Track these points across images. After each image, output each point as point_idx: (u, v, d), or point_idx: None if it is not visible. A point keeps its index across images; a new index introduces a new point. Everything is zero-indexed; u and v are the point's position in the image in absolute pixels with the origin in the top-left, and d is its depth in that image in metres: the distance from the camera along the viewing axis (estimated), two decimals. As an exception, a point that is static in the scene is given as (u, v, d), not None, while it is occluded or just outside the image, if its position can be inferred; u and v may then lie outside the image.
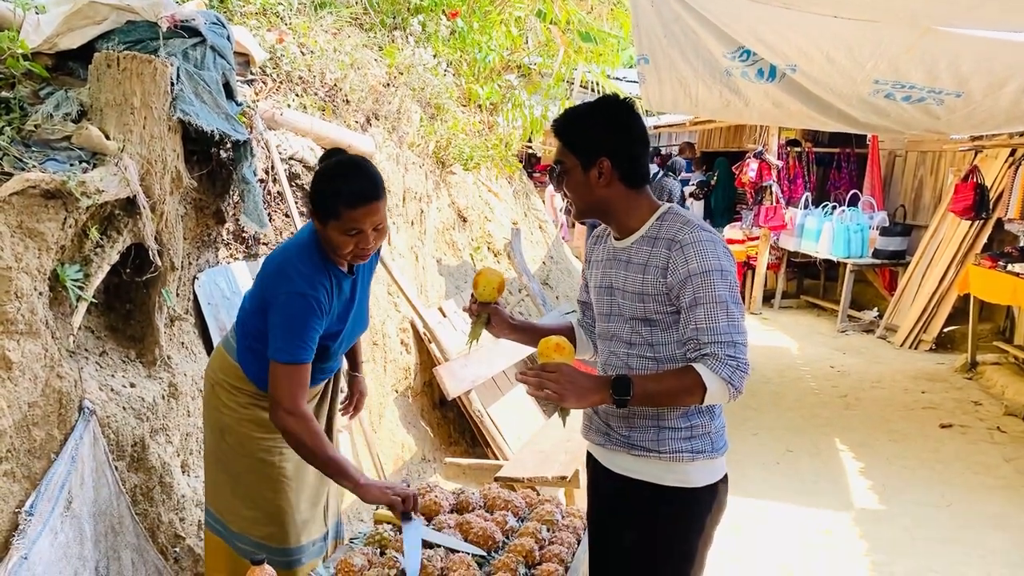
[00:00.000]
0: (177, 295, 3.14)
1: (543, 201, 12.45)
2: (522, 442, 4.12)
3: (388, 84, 4.80)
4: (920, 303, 8.72)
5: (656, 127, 14.57)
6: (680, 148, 12.70)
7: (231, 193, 3.33)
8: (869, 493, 4.77)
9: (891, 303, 9.29)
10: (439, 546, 2.34)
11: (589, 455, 2.31)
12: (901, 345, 8.66)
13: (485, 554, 2.35)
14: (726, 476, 2.16)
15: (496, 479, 3.37)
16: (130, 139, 2.75)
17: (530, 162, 17.55)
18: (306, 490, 2.65)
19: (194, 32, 3.02)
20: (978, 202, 8.04)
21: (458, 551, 2.32)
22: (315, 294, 2.31)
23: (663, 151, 14.81)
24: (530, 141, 14.20)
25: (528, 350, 5.16)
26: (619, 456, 2.14)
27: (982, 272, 7.21)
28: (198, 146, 3.14)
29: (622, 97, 2.11)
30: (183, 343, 3.19)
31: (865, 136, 10.22)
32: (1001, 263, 6.95)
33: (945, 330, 8.56)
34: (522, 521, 2.57)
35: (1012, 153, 8.12)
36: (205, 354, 3.27)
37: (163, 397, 3.00)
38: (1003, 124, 5.92)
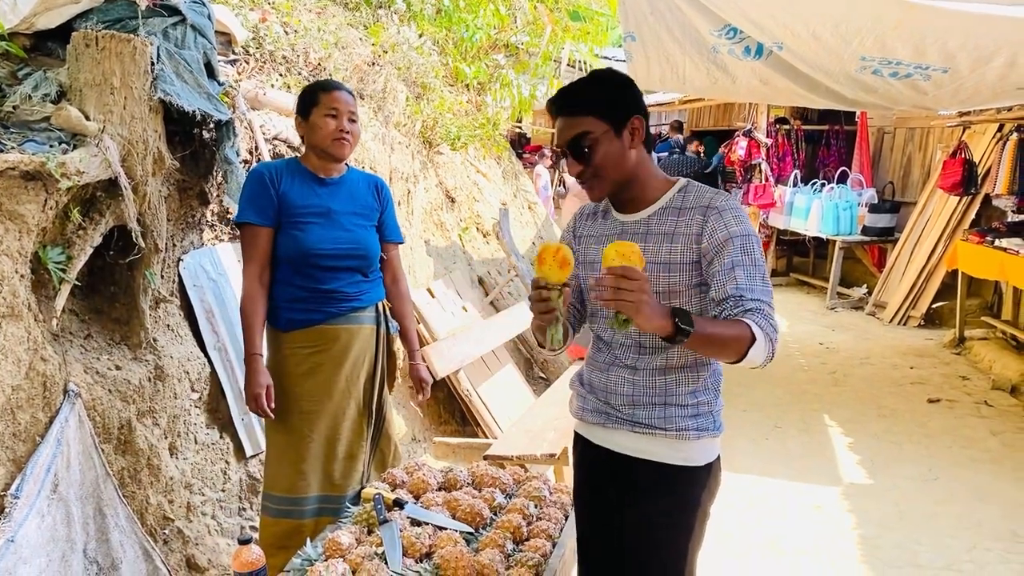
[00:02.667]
0: (162, 277, 3.13)
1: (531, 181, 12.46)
2: (512, 420, 4.13)
3: (373, 63, 4.76)
4: (909, 279, 8.75)
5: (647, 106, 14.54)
6: (669, 127, 12.66)
7: (214, 174, 3.31)
8: (857, 468, 4.80)
9: (880, 280, 9.32)
10: (427, 524, 2.35)
11: (578, 436, 2.25)
12: (890, 321, 8.69)
13: (473, 531, 2.36)
14: (719, 455, 2.14)
15: (485, 457, 3.37)
16: (110, 120, 2.73)
17: (520, 142, 17.52)
18: (315, 441, 2.81)
19: (174, 11, 2.98)
20: (966, 178, 8.05)
21: (446, 528, 2.33)
22: (264, 167, 2.78)
23: (652, 131, 14.75)
24: (519, 121, 14.16)
25: (519, 328, 5.16)
26: (619, 435, 2.08)
27: (970, 248, 7.23)
28: (180, 126, 3.12)
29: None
30: (168, 325, 3.18)
31: (854, 113, 10.21)
32: (989, 238, 6.97)
33: (934, 306, 8.60)
34: (510, 498, 2.58)
35: (1000, 128, 8.13)
36: (191, 336, 3.26)
37: (149, 380, 2.99)
38: (990, 99, 5.92)
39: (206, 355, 3.28)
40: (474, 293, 5.34)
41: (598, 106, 1.98)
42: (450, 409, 4.53)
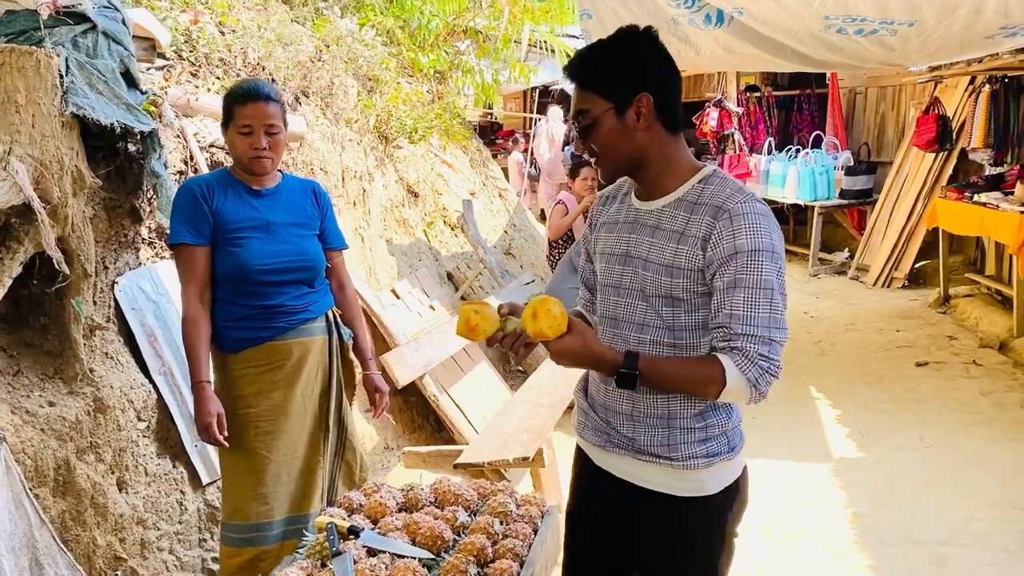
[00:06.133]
0: (95, 303, 2.94)
1: (507, 167, 12.23)
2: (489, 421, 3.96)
3: (316, 59, 4.55)
4: (890, 240, 8.64)
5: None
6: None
7: (144, 189, 3.11)
8: (847, 441, 4.67)
9: (861, 243, 9.21)
10: (384, 552, 2.18)
11: (580, 451, 2.05)
12: (874, 284, 8.59)
13: (434, 556, 2.19)
14: (746, 467, 1.89)
15: (455, 467, 3.22)
16: (18, 140, 2.53)
17: (492, 129, 17.29)
18: (275, 462, 2.66)
19: (83, 18, 2.78)
20: (941, 134, 7.93)
21: (404, 556, 2.16)
22: (193, 182, 2.62)
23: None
24: (490, 107, 13.94)
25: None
26: (621, 460, 1.86)
27: (949, 204, 7.12)
28: (102, 141, 2.92)
29: (643, 27, 1.74)
30: (107, 353, 2.99)
31: (824, 76, 10.06)
32: (967, 194, 6.85)
33: (916, 266, 8.50)
34: (474, 515, 2.41)
35: (972, 81, 8.00)
36: (133, 363, 3.07)
37: (88, 413, 2.81)
38: (958, 51, 5.77)
39: (151, 381, 3.10)
40: (443, 290, 5.16)
41: (598, 81, 1.73)
42: (423, 414, 4.36)
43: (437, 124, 5.65)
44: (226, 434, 2.56)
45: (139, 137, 2.97)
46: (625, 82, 1.70)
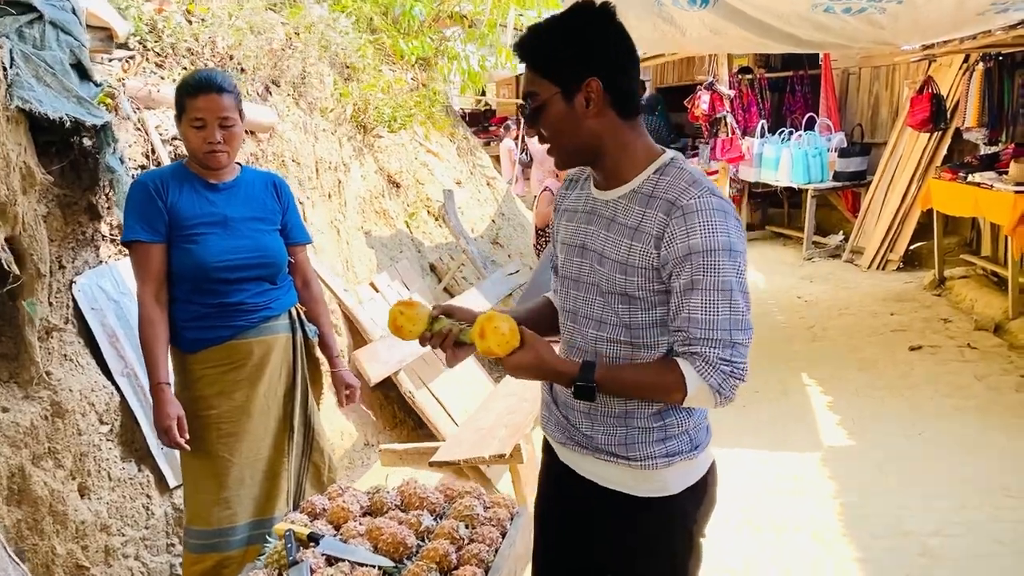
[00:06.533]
0: (51, 304, 2.84)
1: (499, 155, 12.10)
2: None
3: (288, 46, 4.43)
4: (884, 222, 8.52)
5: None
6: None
7: (101, 185, 3.01)
8: (838, 429, 4.58)
9: (855, 225, 9.09)
10: (343, 560, 2.09)
11: (547, 444, 1.97)
12: (868, 267, 8.47)
13: (395, 563, 2.11)
14: (714, 463, 1.81)
15: (431, 464, 3.13)
16: (-41, 136, 2.43)
17: (485, 116, 17.13)
18: (238, 465, 2.58)
19: (28, 7, 2.66)
20: (935, 113, 7.80)
21: (364, 565, 2.07)
22: (147, 177, 2.51)
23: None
24: (483, 94, 13.78)
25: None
26: (583, 459, 1.80)
27: (943, 185, 7.00)
28: (54, 136, 2.81)
29: (599, 2, 1.62)
30: (66, 355, 2.89)
31: (817, 56, 9.92)
32: (962, 174, 6.72)
33: (911, 247, 8.39)
34: (440, 519, 2.32)
35: (966, 59, 7.86)
36: (94, 365, 2.98)
37: (45, 418, 2.71)
38: (951, 29, 5.65)
39: (114, 383, 3.00)
40: (425, 282, 5.06)
41: (545, 63, 1.62)
42: (405, 409, 4.26)
43: (416, 112, 5.52)
44: (187, 437, 2.48)
45: (93, 131, 2.86)
46: (573, 65, 1.59)
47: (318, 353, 2.84)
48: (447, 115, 6.59)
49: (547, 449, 1.98)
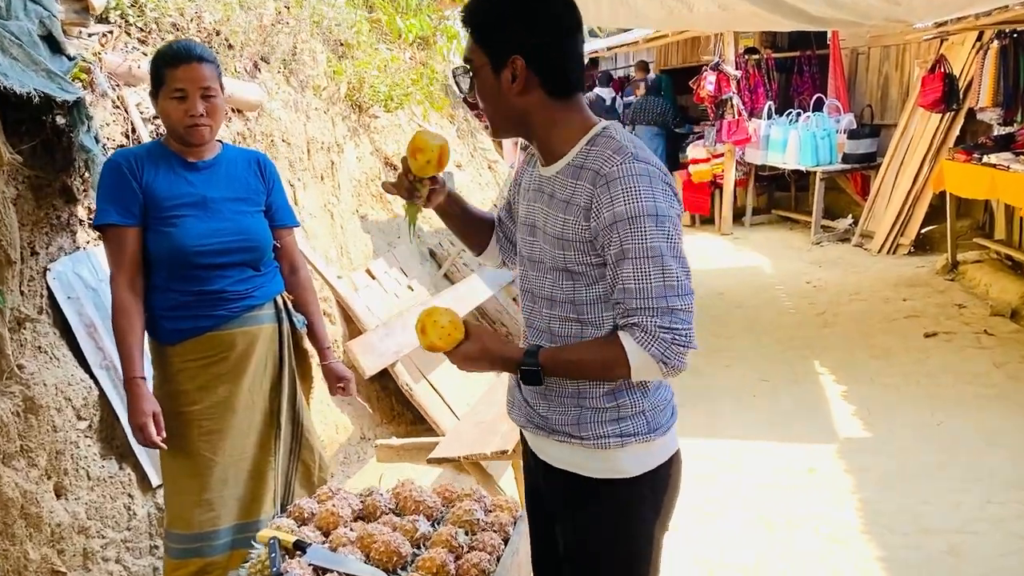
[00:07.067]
0: (22, 293, 2.66)
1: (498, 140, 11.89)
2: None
3: (277, 21, 4.22)
4: (895, 205, 8.33)
5: (609, 48, 13.93)
6: (635, 67, 12.07)
7: (76, 166, 2.82)
8: (853, 420, 4.41)
9: (865, 208, 8.89)
10: (332, 571, 1.93)
11: (522, 434, 1.93)
12: (879, 251, 8.29)
13: (388, 575, 1.94)
14: (677, 453, 1.75)
15: (429, 461, 2.96)
16: (-84, 112, 2.25)
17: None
18: (220, 464, 2.42)
19: (-8, -26, 2.48)
20: (947, 93, 7.59)
21: (354, 576, 1.91)
22: (121, 156, 2.34)
23: (618, 74, 14.15)
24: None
25: (474, 300, 4.70)
26: (541, 441, 1.77)
27: (957, 167, 6.80)
28: (25, 113, 2.63)
29: None
30: (40, 348, 2.71)
31: (825, 36, 9.69)
32: (976, 155, 6.52)
33: (923, 231, 8.20)
34: (437, 525, 2.16)
35: (979, 37, 7.64)
36: (71, 357, 2.80)
37: (17, 414, 2.54)
38: (966, 4, 5.44)
39: (92, 376, 2.83)
40: (424, 268, 4.87)
41: (480, 31, 1.60)
42: (403, 401, 4.09)
43: (415, 91, 5.32)
44: (164, 435, 2.31)
45: (66, 108, 2.67)
46: (501, 39, 1.57)
47: (307, 344, 2.66)
48: (446, 95, 6.39)
49: (522, 435, 1.94)
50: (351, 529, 2.11)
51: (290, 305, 2.57)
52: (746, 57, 10.00)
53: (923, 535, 3.25)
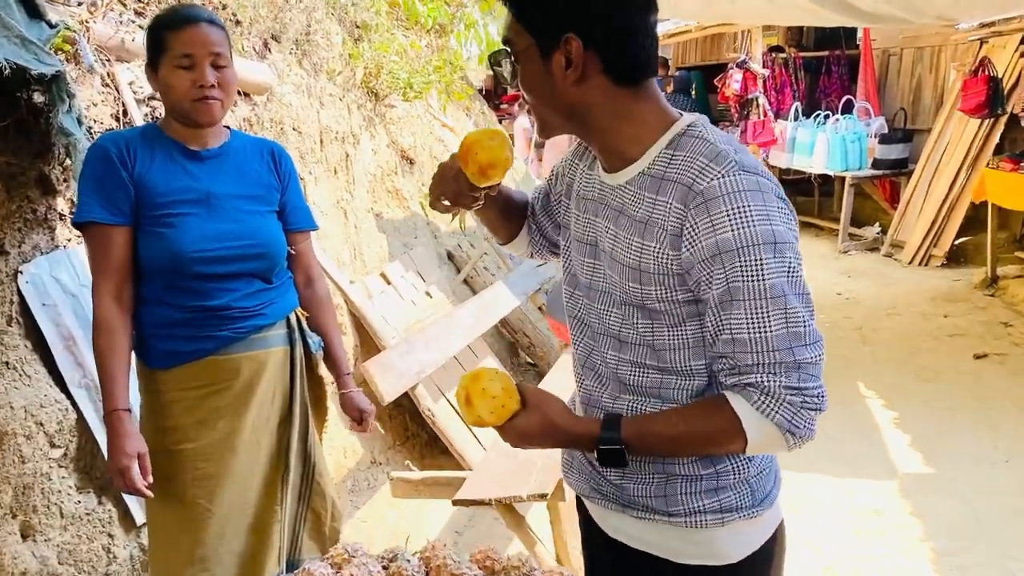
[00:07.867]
0: (-12, 300, 2.27)
1: (513, 134, 11.49)
2: (495, 436, 3.30)
3: (291, -2, 3.83)
4: (928, 215, 7.94)
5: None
6: (654, 64, 11.66)
7: (56, 152, 2.43)
8: (911, 452, 4.02)
9: (895, 217, 8.51)
10: (352, 670, 1.54)
11: (579, 499, 1.57)
12: (910, 262, 7.91)
13: (423, 676, 1.55)
14: (782, 524, 1.41)
15: (455, 503, 2.57)
16: None
17: (497, 92, 16.49)
18: (218, 514, 2.03)
19: (-43, -79, 2.08)
20: (992, 97, 7.20)
21: (381, 678, 1.52)
22: (109, 140, 1.96)
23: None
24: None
25: (498, 312, 4.31)
26: (611, 515, 1.43)
27: (1001, 176, 6.44)
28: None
29: None
30: (7, 363, 2.32)
31: (854, 35, 9.31)
32: (1024, 165, 6.15)
33: (956, 242, 7.81)
34: (481, 605, 1.77)
35: (1023, 40, 7.26)
36: (45, 374, 2.41)
37: (-22, 443, 2.16)
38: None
39: (69, 396, 2.44)
40: (442, 272, 4.48)
41: (520, 5, 1.26)
42: (418, 421, 3.69)
43: (436, 79, 4.92)
44: (151, 480, 1.92)
45: (44, 83, 2.27)
46: (549, 15, 1.22)
47: (322, 370, 2.27)
48: (467, 85, 6.00)
49: (579, 509, 1.61)
50: (374, 606, 1.72)
51: (305, 324, 2.18)
52: (772, 55, 9.61)
53: (1013, 596, 2.87)
